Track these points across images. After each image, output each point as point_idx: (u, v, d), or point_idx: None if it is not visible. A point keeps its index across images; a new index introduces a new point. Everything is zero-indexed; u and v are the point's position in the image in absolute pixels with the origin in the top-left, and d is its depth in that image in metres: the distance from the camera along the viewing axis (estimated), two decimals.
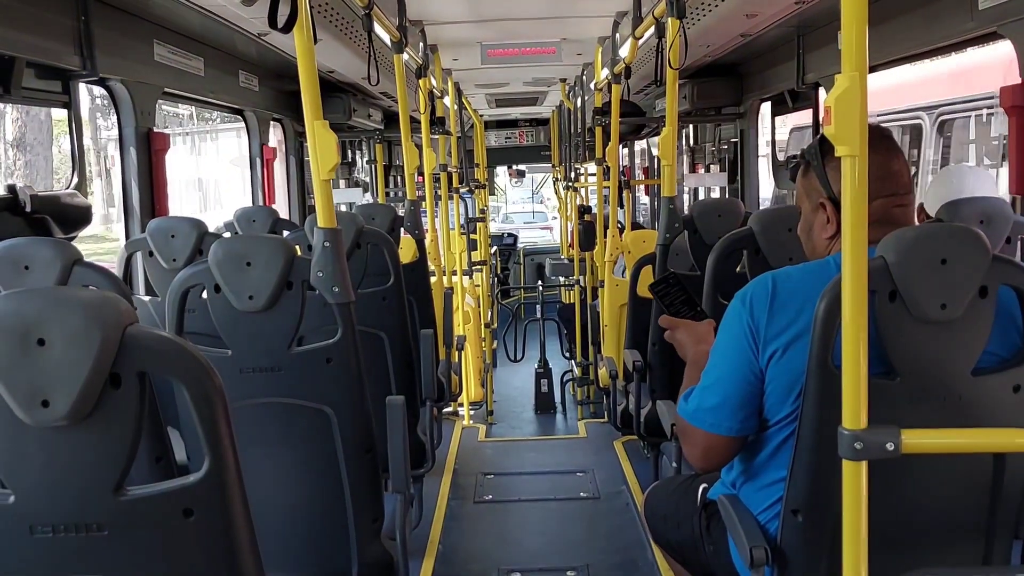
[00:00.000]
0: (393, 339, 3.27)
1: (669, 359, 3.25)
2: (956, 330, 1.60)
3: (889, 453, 1.44)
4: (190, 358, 1.24)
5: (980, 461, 1.67)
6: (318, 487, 2.27)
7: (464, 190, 8.76)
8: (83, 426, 1.21)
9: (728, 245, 2.67)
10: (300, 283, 2.20)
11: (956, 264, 1.58)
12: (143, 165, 3.69)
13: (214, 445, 1.25)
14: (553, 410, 8.39)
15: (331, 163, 2.18)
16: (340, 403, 2.22)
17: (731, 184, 6.33)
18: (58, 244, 2.42)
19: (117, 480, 1.24)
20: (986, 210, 2.59)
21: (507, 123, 12.30)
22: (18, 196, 2.89)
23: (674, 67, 3.40)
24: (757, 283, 1.83)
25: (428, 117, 5.00)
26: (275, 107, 5.70)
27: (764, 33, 4.48)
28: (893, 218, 1.79)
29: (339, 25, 4.24)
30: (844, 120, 1.41)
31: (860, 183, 1.42)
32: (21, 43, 2.89)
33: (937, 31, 3.27)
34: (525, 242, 14.87)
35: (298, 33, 2.13)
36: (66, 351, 1.18)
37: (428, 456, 3.45)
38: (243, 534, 1.28)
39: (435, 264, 4.94)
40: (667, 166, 3.65)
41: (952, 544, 1.74)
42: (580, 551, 3.86)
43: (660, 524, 2.36)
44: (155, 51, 3.84)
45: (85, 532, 1.24)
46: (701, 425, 1.87)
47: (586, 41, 5.91)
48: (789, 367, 1.74)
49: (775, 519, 1.81)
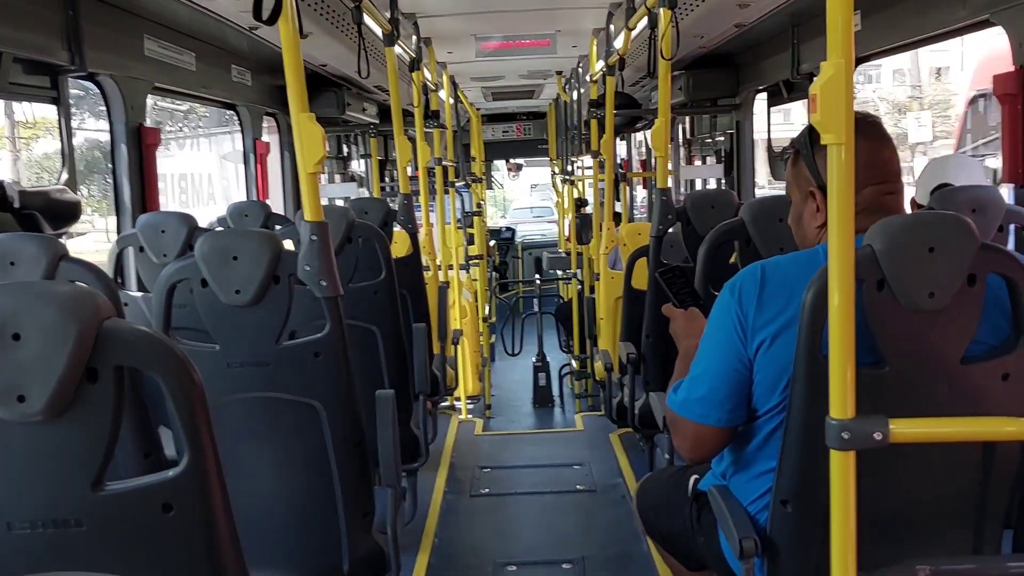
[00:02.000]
0: (385, 333, 3.26)
1: (663, 351, 3.24)
2: (945, 319, 1.59)
3: (877, 443, 1.43)
4: (167, 352, 1.23)
5: (969, 450, 1.66)
6: (307, 481, 2.26)
7: (460, 184, 8.74)
8: (60, 421, 1.20)
9: (719, 236, 2.66)
10: (287, 277, 2.18)
11: (944, 252, 1.57)
12: (134, 161, 3.67)
13: (193, 440, 1.24)
14: (551, 404, 8.38)
15: (317, 156, 2.17)
16: (329, 397, 2.21)
17: (727, 176, 6.31)
18: (44, 239, 2.40)
19: (95, 475, 1.23)
20: (978, 198, 2.58)
21: (504, 117, 12.27)
22: (6, 192, 2.87)
23: (666, 58, 3.39)
24: (746, 273, 1.82)
25: (422, 111, 4.98)
26: (268, 101, 5.68)
27: (759, 23, 4.47)
28: (883, 206, 1.78)
29: (329, 18, 4.23)
30: (830, 108, 1.40)
31: (846, 171, 1.41)
32: (8, 38, 2.87)
33: (930, 20, 3.25)
34: (523, 236, 14.85)
35: (283, 25, 2.12)
36: (42, 345, 1.16)
37: (422, 450, 3.44)
38: (224, 529, 1.27)
39: (430, 258, 4.93)
40: (660, 158, 3.64)
41: (942, 533, 1.74)
42: (576, 544, 3.86)
43: (652, 515, 2.36)
44: (145, 46, 3.82)
45: (64, 528, 1.23)
46: (690, 416, 1.86)
47: (581, 33, 5.89)
48: (777, 357, 1.73)
49: (765, 510, 1.81)
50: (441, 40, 5.92)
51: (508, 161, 14.63)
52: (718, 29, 4.66)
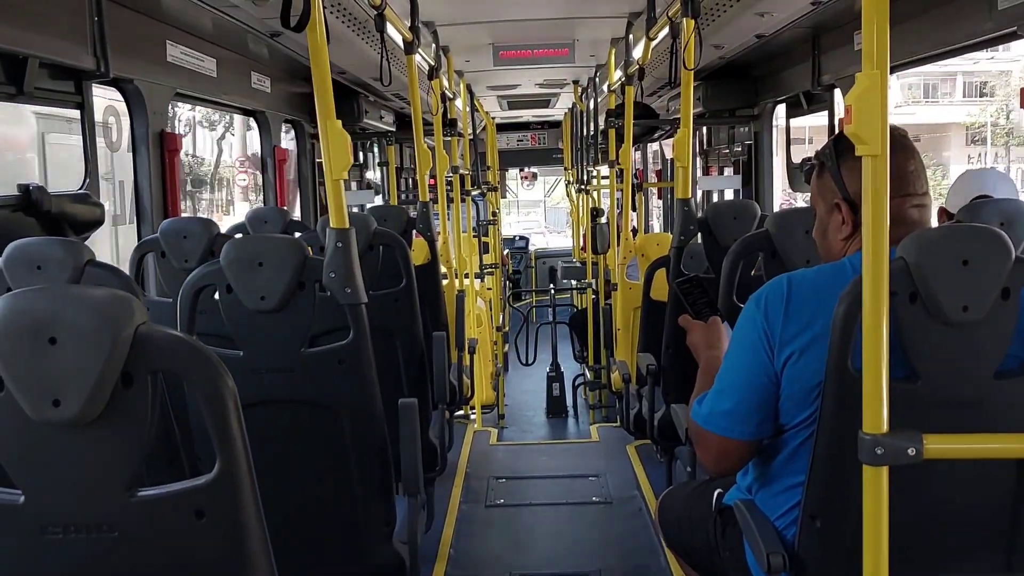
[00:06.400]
0: (405, 341, 3.25)
1: (683, 363, 3.21)
2: (978, 332, 1.57)
3: (911, 458, 1.42)
4: (202, 357, 1.23)
5: (1003, 467, 1.64)
6: (329, 489, 2.26)
7: (476, 193, 8.74)
8: (94, 426, 1.20)
9: (744, 247, 2.64)
10: (312, 284, 2.18)
11: (978, 265, 1.55)
12: (156, 166, 3.68)
13: (225, 446, 1.23)
14: (565, 414, 8.36)
15: (344, 163, 2.17)
16: (352, 404, 2.20)
17: (745, 187, 6.29)
18: (70, 244, 2.41)
19: (128, 480, 1.23)
20: (1007, 211, 2.56)
21: (519, 126, 12.28)
22: (31, 196, 2.88)
23: (689, 67, 3.38)
24: (772, 285, 1.80)
25: (440, 119, 4.99)
26: (288, 109, 5.69)
27: (779, 34, 4.45)
28: (909, 218, 1.77)
29: (351, 25, 4.24)
30: (865, 119, 1.39)
31: (880, 183, 1.40)
32: (35, 43, 2.89)
33: (956, 32, 3.23)
34: (537, 245, 14.85)
35: (311, 33, 2.13)
36: (78, 350, 1.16)
37: (439, 460, 3.43)
38: (255, 535, 1.26)
39: (447, 266, 4.93)
40: (682, 167, 3.63)
41: (973, 552, 1.71)
42: (592, 556, 3.84)
43: (674, 529, 2.34)
44: (168, 52, 3.83)
45: (96, 533, 1.23)
46: (715, 429, 1.85)
47: (599, 42, 5.88)
48: (805, 370, 1.72)
49: (792, 525, 1.79)
50: (459, 48, 5.93)
51: (522, 170, 14.64)
52: (738, 40, 4.65)
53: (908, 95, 28.35)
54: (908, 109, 27.75)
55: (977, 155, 27.67)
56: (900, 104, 27.09)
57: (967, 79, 29.08)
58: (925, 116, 27.80)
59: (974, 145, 28.47)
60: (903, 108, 27.29)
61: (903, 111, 27.05)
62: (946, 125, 28.55)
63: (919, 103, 28.81)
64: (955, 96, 29.38)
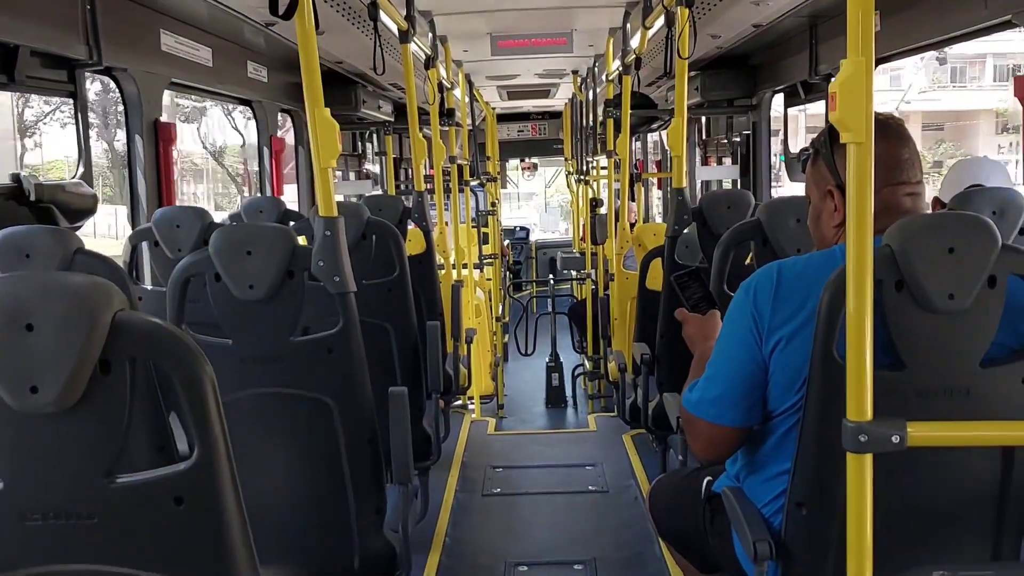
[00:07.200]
0: (399, 331, 3.25)
1: (677, 352, 3.22)
2: (964, 321, 1.57)
3: (894, 446, 1.41)
4: (180, 344, 1.22)
5: (988, 454, 1.64)
6: (319, 478, 2.26)
7: (475, 183, 8.72)
8: (73, 413, 1.19)
9: (735, 236, 2.64)
10: (301, 272, 2.18)
11: (964, 253, 1.54)
12: (150, 155, 3.68)
13: (204, 432, 1.23)
14: (564, 404, 8.35)
15: (333, 151, 2.17)
16: (341, 394, 2.20)
17: (743, 177, 6.28)
18: (59, 232, 2.41)
19: (107, 467, 1.22)
20: (999, 200, 2.55)
21: (520, 116, 12.25)
22: (23, 185, 2.88)
23: (683, 57, 3.37)
24: (762, 273, 1.80)
25: (437, 108, 4.97)
26: (284, 98, 5.68)
27: (776, 23, 4.44)
28: (902, 207, 1.76)
29: (345, 14, 4.22)
30: (849, 106, 1.38)
31: (865, 170, 1.39)
32: (26, 32, 2.88)
33: (951, 20, 3.22)
34: (538, 236, 14.83)
35: (299, 20, 2.12)
36: (55, 336, 1.16)
37: (434, 449, 3.43)
38: (234, 522, 1.26)
39: (443, 257, 4.92)
40: (676, 157, 3.62)
41: (960, 539, 1.71)
42: (588, 545, 3.84)
43: (664, 517, 2.34)
44: (162, 41, 3.83)
45: (75, 519, 1.23)
46: (704, 416, 1.85)
47: (597, 32, 5.86)
48: (793, 357, 1.72)
49: (779, 512, 1.79)
50: (457, 38, 5.91)
51: (523, 160, 14.62)
52: (735, 29, 4.63)
53: (934, 80, 26.13)
54: (934, 95, 25.83)
55: (1008, 144, 24.82)
56: (924, 89, 25.14)
57: (997, 62, 26.28)
58: (952, 102, 25.99)
59: (1006, 134, 25.60)
60: (928, 93, 25.41)
61: (928, 96, 25.24)
62: (975, 112, 26.28)
63: (945, 88, 26.53)
64: (984, 80, 26.84)
